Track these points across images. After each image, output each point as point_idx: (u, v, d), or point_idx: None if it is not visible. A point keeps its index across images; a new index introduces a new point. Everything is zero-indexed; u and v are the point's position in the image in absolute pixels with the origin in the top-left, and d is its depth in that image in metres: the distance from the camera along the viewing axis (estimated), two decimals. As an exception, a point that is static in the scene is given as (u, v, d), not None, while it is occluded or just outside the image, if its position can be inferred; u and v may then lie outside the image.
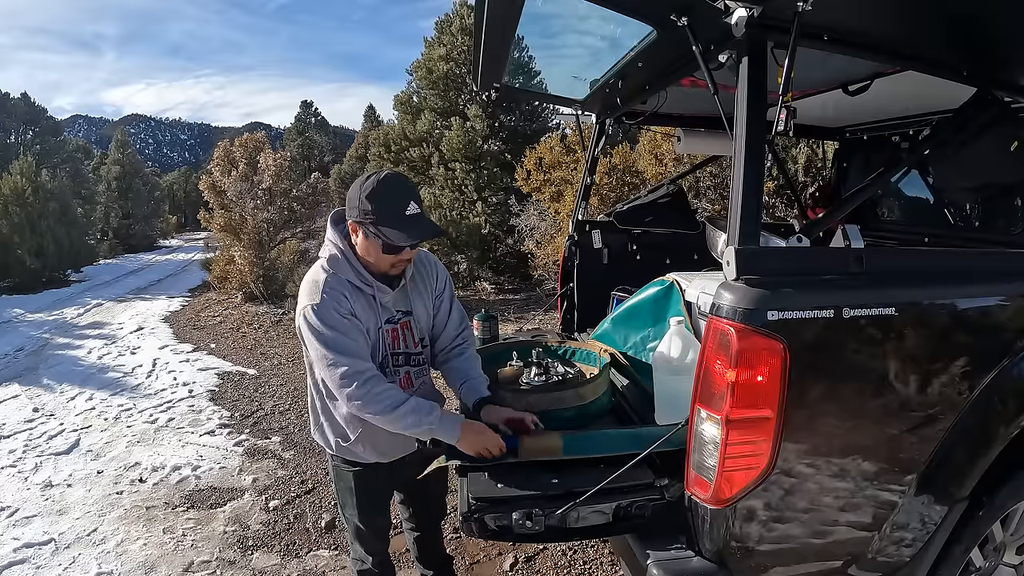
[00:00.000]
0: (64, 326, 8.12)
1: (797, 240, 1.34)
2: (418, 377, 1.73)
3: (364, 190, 1.46)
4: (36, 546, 2.75)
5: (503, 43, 2.01)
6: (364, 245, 1.52)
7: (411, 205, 1.47)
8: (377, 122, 25.40)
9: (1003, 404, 1.43)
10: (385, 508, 1.87)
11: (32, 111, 24.79)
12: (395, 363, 1.65)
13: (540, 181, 7.24)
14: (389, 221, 1.45)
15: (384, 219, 1.45)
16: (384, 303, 1.60)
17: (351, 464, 1.72)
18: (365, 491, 1.75)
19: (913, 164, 2.72)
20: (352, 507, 1.76)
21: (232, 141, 9.51)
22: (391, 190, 1.47)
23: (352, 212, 1.50)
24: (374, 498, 1.79)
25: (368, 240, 1.50)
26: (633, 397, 1.90)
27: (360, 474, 1.72)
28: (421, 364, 1.73)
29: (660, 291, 2.02)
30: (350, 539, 1.86)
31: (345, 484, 1.75)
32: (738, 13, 1.19)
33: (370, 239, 1.50)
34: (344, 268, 1.54)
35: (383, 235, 1.46)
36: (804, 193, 4.82)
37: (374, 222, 1.45)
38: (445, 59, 9.28)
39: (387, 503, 1.89)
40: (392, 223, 1.46)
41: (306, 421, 4.17)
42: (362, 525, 1.79)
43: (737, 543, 1.29)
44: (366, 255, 1.54)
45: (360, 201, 1.46)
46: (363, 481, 1.73)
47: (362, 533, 1.80)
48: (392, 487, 1.88)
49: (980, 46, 1.60)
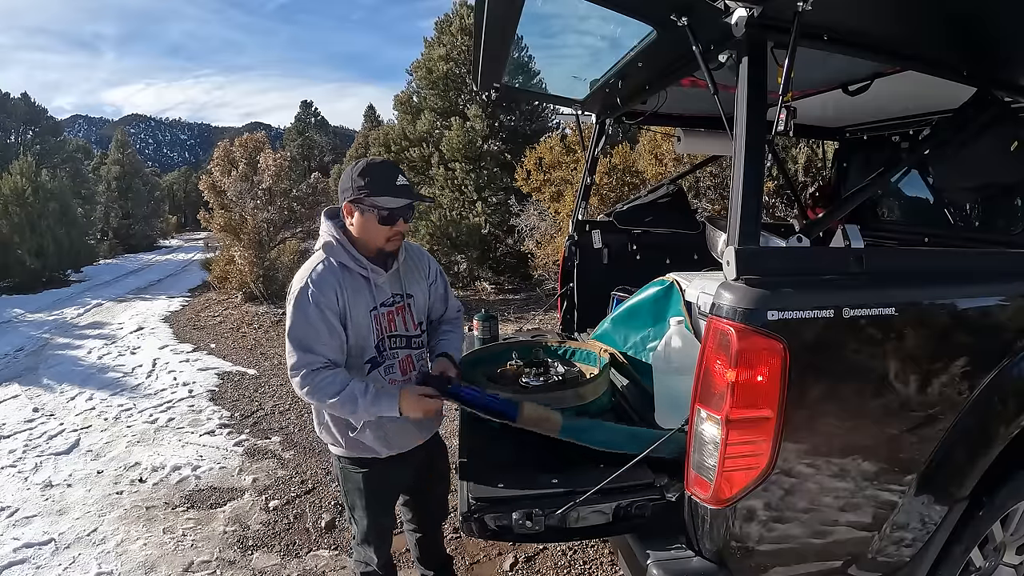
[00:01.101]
0: (64, 326, 8.12)
1: (797, 240, 1.34)
2: (419, 360, 1.75)
3: (356, 170, 1.59)
4: (36, 546, 2.75)
5: (503, 43, 2.01)
6: (360, 223, 1.60)
7: (400, 178, 1.60)
8: (377, 122, 25.41)
9: (1003, 404, 1.43)
10: (392, 508, 1.88)
11: (32, 111, 24.79)
12: (393, 345, 1.68)
13: (540, 181, 7.24)
14: (382, 190, 1.56)
15: (377, 190, 1.56)
16: (379, 284, 1.65)
17: (359, 465, 1.72)
18: (374, 492, 1.75)
19: (913, 164, 2.72)
20: (361, 508, 1.76)
21: (232, 141, 9.51)
22: (380, 166, 1.62)
23: (346, 193, 1.59)
24: (383, 498, 1.80)
25: (364, 216, 1.59)
26: (633, 397, 1.91)
27: (369, 475, 1.72)
28: (422, 347, 1.76)
29: (660, 291, 2.02)
30: (356, 540, 1.85)
31: (354, 485, 1.75)
32: (738, 13, 1.19)
33: (366, 214, 1.58)
34: (339, 252, 1.61)
35: (378, 205, 1.56)
36: (804, 193, 4.82)
37: (368, 194, 1.56)
38: (445, 59, 9.28)
39: (394, 504, 1.89)
40: (385, 191, 1.57)
41: (306, 421, 4.18)
42: (371, 526, 1.78)
43: (737, 543, 1.29)
44: (363, 233, 1.61)
45: (353, 180, 1.58)
46: (372, 482, 1.73)
47: (370, 535, 1.80)
48: (399, 487, 1.88)
49: (980, 46, 1.60)
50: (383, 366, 1.67)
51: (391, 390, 1.57)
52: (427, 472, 1.89)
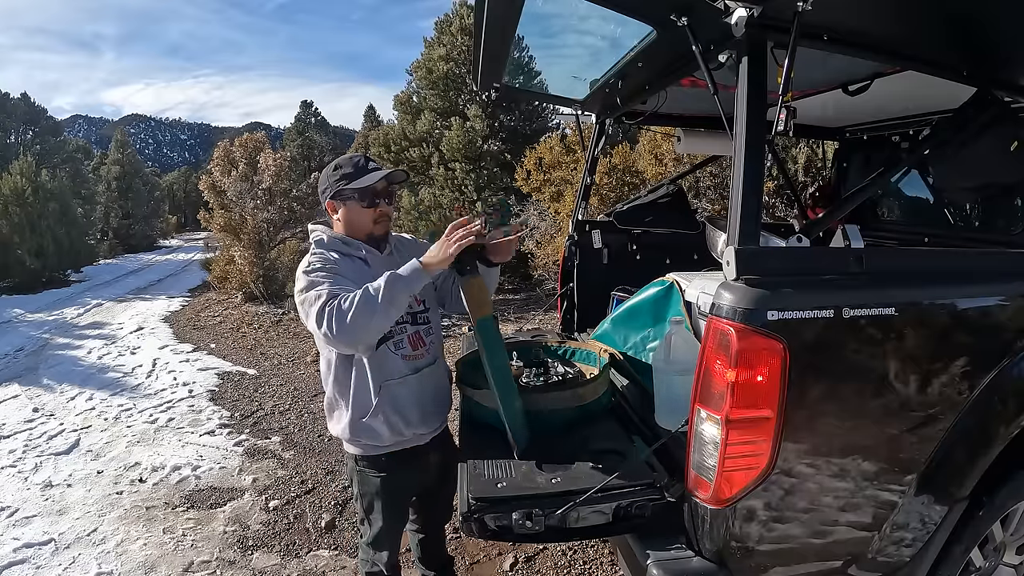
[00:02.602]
0: (64, 326, 8.12)
1: (797, 240, 1.34)
2: (428, 335, 1.74)
3: (328, 169, 1.69)
4: (36, 546, 2.75)
5: (503, 43, 2.01)
6: (345, 214, 1.67)
7: (370, 162, 1.68)
8: (377, 122, 25.40)
9: (1003, 404, 1.43)
10: (407, 511, 1.89)
11: (32, 111, 24.79)
12: (400, 320, 1.65)
13: (540, 181, 7.24)
14: (356, 175, 1.64)
15: (352, 176, 1.64)
16: (376, 264, 1.68)
17: (376, 468, 1.71)
18: (391, 495, 1.74)
19: (913, 164, 2.72)
20: (378, 512, 1.76)
21: (232, 141, 9.50)
22: (349, 158, 1.69)
23: (326, 192, 1.67)
24: (400, 502, 1.81)
25: (347, 205, 1.66)
26: (633, 397, 1.90)
27: (387, 479, 1.72)
28: (428, 323, 1.76)
29: (660, 291, 2.02)
30: (365, 541, 1.84)
31: (371, 490, 1.74)
32: (738, 13, 1.19)
33: (348, 202, 1.65)
34: (335, 243, 1.66)
35: (357, 187, 1.63)
36: (804, 193, 4.82)
37: (347, 183, 1.63)
38: (445, 59, 9.28)
39: (409, 506, 1.90)
40: (359, 175, 1.64)
41: (306, 421, 4.18)
42: (385, 530, 1.78)
43: (737, 543, 1.29)
44: (350, 224, 1.67)
45: (328, 177, 1.67)
46: (390, 484, 1.73)
47: (382, 537, 1.79)
48: (414, 490, 1.86)
49: (980, 46, 1.60)
50: (392, 340, 1.65)
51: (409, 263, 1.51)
52: (440, 473, 1.86)
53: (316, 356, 5.71)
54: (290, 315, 7.70)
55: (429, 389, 1.73)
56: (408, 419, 1.68)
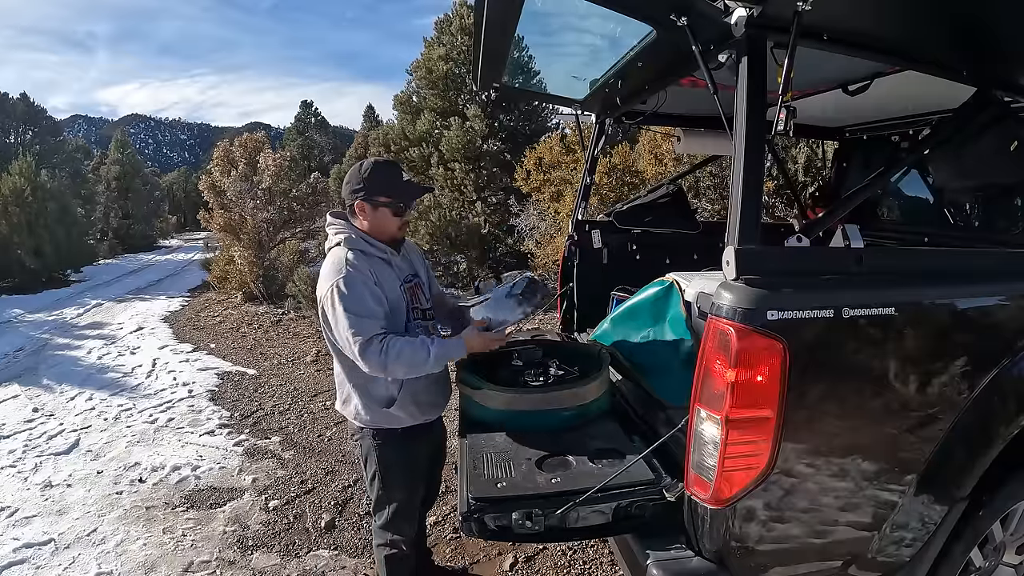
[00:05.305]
0: (64, 326, 8.12)
1: (797, 240, 1.34)
2: (435, 329, 1.92)
3: (364, 171, 1.75)
4: (36, 546, 2.75)
5: (503, 43, 2.01)
6: (373, 218, 1.76)
7: (403, 175, 1.82)
8: (376, 122, 25.40)
9: (1003, 404, 1.43)
10: (423, 482, 1.97)
11: (31, 111, 24.77)
12: (416, 317, 1.84)
13: (540, 181, 7.24)
14: (393, 186, 1.76)
15: (389, 187, 1.75)
16: (397, 264, 1.83)
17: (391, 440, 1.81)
18: (407, 463, 1.85)
19: (913, 164, 2.72)
20: (396, 484, 1.84)
21: (232, 141, 9.50)
22: (387, 165, 1.81)
23: (357, 193, 1.74)
24: (417, 470, 1.90)
25: (377, 211, 1.75)
26: (633, 397, 1.90)
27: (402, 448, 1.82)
28: (433, 319, 1.97)
29: (660, 291, 2.02)
30: (382, 522, 1.90)
31: (389, 461, 1.82)
32: (738, 13, 1.19)
33: (379, 209, 1.75)
34: (360, 243, 1.75)
35: (392, 198, 1.75)
36: (804, 193, 4.82)
37: (381, 191, 1.73)
38: (445, 59, 9.28)
39: (422, 480, 1.96)
40: (395, 186, 1.76)
41: (306, 421, 4.18)
42: (405, 501, 1.87)
43: (737, 543, 1.29)
44: (375, 226, 1.77)
45: (364, 181, 1.73)
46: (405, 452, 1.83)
47: (401, 509, 1.87)
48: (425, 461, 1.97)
49: (980, 46, 1.60)
50: None
51: (453, 338, 1.76)
52: (438, 450, 2.09)
53: (316, 356, 5.72)
54: (290, 315, 7.70)
55: (440, 378, 1.91)
56: (423, 406, 1.83)
